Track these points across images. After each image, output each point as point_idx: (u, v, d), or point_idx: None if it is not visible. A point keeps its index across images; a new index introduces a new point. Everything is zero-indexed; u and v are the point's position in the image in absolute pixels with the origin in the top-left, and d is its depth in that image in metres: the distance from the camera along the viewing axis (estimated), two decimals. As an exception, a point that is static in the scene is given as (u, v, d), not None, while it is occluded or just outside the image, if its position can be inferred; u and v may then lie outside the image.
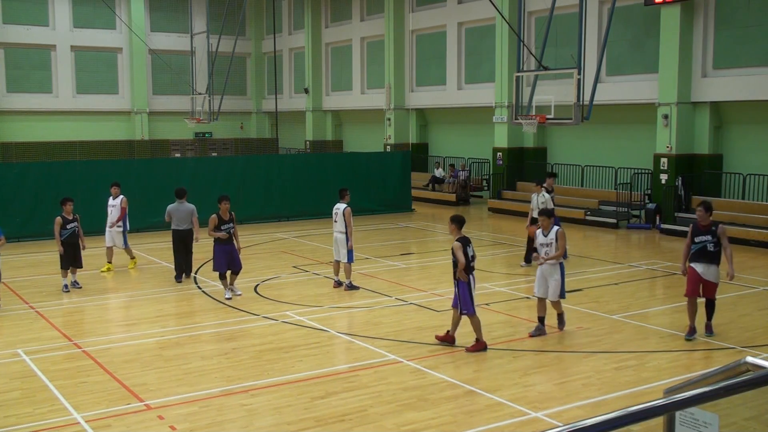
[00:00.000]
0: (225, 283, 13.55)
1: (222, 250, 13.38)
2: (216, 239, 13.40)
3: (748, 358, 3.15)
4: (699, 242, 10.68)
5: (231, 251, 13.48)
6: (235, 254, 13.53)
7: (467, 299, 10.23)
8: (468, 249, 10.29)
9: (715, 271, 10.71)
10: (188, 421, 7.98)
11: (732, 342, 10.74)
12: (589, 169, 25.31)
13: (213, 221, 13.36)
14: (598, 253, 18.07)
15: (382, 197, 26.09)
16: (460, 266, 10.12)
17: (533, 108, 21.54)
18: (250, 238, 20.33)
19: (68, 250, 14.09)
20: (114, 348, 10.72)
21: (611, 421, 2.30)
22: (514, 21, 23.96)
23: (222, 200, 13.64)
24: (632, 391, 8.77)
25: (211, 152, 42.09)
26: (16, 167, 22.33)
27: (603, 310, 12.59)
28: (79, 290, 14.33)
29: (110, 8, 36.76)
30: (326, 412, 8.17)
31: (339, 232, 13.98)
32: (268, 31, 40.13)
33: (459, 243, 10.22)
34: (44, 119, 37.93)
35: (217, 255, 13.43)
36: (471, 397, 8.60)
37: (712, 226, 10.69)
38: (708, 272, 10.66)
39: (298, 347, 10.57)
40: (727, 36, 21.38)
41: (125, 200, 16.36)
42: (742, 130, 21.77)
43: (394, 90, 33.06)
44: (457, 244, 10.22)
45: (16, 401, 8.59)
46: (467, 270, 10.20)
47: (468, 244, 10.34)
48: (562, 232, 11.08)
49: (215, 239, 13.43)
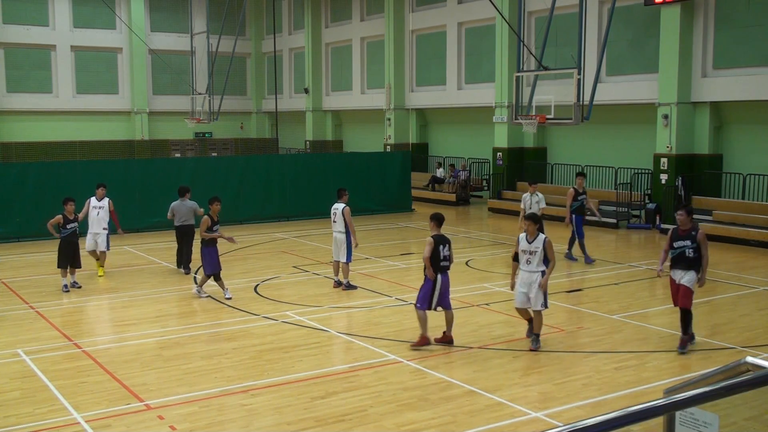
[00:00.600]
0: (222, 283, 13.52)
1: (214, 251, 13.37)
2: (204, 241, 13.36)
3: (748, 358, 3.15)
4: (678, 247, 10.22)
5: (218, 252, 13.51)
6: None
7: (424, 295, 10.31)
8: (442, 248, 10.28)
9: (692, 278, 10.18)
10: (188, 421, 7.98)
11: (732, 342, 10.73)
12: (589, 169, 25.28)
13: (206, 222, 13.32)
14: (598, 253, 18.06)
15: (382, 197, 26.09)
16: (424, 261, 10.23)
17: (533, 108, 21.55)
18: (250, 238, 20.33)
19: (67, 250, 14.11)
20: (114, 348, 10.72)
21: (611, 421, 2.30)
22: (514, 21, 23.96)
23: (215, 201, 13.60)
24: (632, 391, 8.77)
25: (211, 152, 42.09)
26: (16, 167, 22.33)
27: (603, 310, 12.59)
28: (79, 290, 14.33)
29: (110, 8, 36.77)
30: (326, 412, 8.17)
31: (338, 232, 13.98)
32: (268, 31, 40.12)
33: (431, 239, 10.28)
34: (44, 119, 37.93)
35: (211, 256, 13.33)
36: (471, 397, 8.60)
37: (692, 230, 10.21)
38: (684, 277, 10.18)
39: (298, 347, 10.57)
40: (727, 36, 21.37)
41: (111, 202, 15.75)
42: (742, 130, 21.77)
43: (394, 90, 33.06)
44: (429, 239, 10.30)
45: (16, 401, 8.59)
46: (435, 268, 10.22)
47: (443, 243, 10.32)
48: (550, 241, 10.32)
49: (203, 241, 13.39)
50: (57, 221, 14.11)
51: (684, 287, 10.18)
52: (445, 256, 10.31)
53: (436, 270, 10.24)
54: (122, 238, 19.97)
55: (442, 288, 10.32)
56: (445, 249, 10.33)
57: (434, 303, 10.34)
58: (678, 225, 10.40)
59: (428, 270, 10.23)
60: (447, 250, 10.36)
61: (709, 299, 13.54)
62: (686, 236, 10.21)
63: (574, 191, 16.91)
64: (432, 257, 10.21)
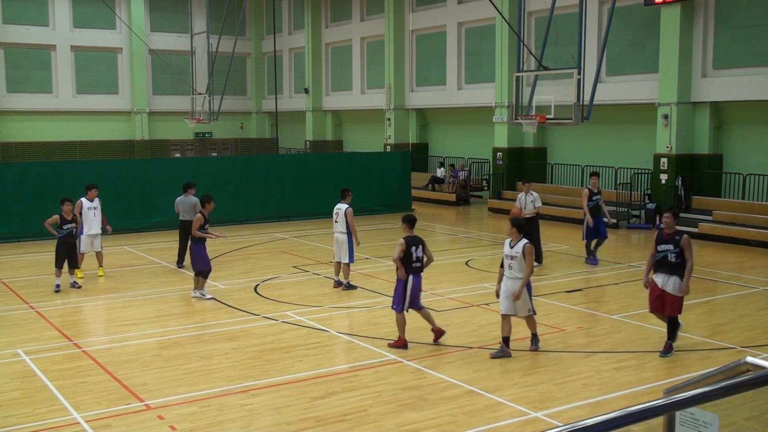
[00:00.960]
0: (204, 282, 13.56)
1: (203, 248, 13.42)
2: (194, 239, 13.38)
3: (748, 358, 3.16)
4: (661, 251, 9.99)
5: (206, 249, 13.56)
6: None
7: (398, 296, 10.38)
8: (414, 249, 10.29)
9: (676, 284, 9.88)
10: (188, 421, 7.98)
11: (732, 342, 10.73)
12: (589, 169, 25.28)
13: (199, 220, 13.31)
14: (598, 253, 18.05)
15: (382, 197, 26.09)
16: (394, 262, 10.31)
17: (533, 108, 21.55)
18: (250, 238, 20.33)
19: (62, 250, 14.10)
20: (114, 348, 10.72)
21: (611, 421, 2.30)
22: (514, 21, 23.96)
23: (210, 200, 13.60)
24: (632, 391, 8.77)
25: (211, 152, 42.10)
26: (16, 167, 22.33)
27: (603, 310, 12.59)
28: (79, 290, 14.33)
29: (110, 8, 36.77)
30: (326, 412, 8.17)
31: (340, 233, 13.98)
32: (268, 31, 40.13)
33: (402, 240, 10.32)
34: (44, 119, 37.93)
35: (201, 254, 13.38)
36: (471, 397, 8.60)
37: (676, 235, 9.96)
38: (667, 284, 9.93)
39: (298, 347, 10.57)
40: (727, 36, 21.38)
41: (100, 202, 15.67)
42: (742, 130, 21.77)
43: (394, 90, 33.06)
44: (400, 240, 10.34)
45: (16, 401, 8.59)
46: (407, 269, 10.26)
47: (416, 245, 10.34)
48: (530, 247, 9.90)
49: (193, 239, 13.42)
50: (54, 221, 14.11)
51: (670, 297, 9.95)
52: (417, 258, 10.34)
53: (408, 271, 10.29)
54: (122, 238, 19.98)
55: (413, 289, 10.36)
56: (418, 250, 10.35)
57: (406, 304, 10.37)
58: (663, 227, 10.21)
59: (399, 270, 10.33)
60: (420, 252, 10.37)
61: (709, 299, 13.54)
62: (670, 240, 9.97)
63: (589, 191, 16.63)
64: (404, 258, 10.25)
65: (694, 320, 11.89)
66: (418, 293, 10.48)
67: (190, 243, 13.58)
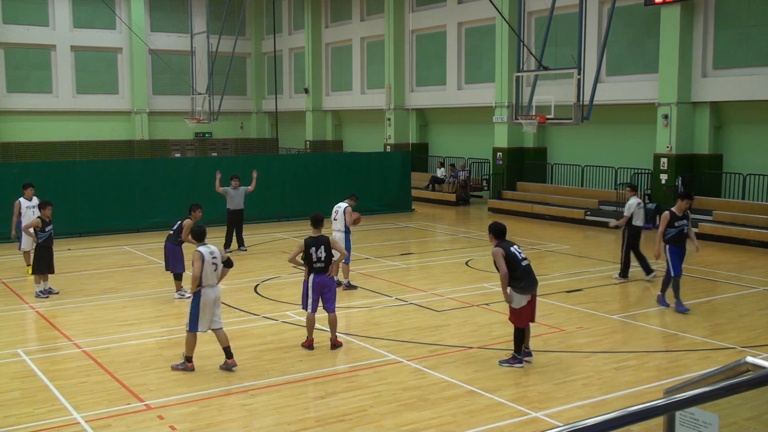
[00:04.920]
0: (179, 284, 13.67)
1: (181, 250, 13.60)
2: (179, 241, 13.52)
3: (748, 358, 3.16)
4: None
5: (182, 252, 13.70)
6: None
7: (302, 295, 10.50)
8: (315, 250, 10.28)
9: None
10: (188, 421, 7.98)
11: (732, 342, 10.73)
12: (589, 169, 25.31)
13: (189, 226, 13.33)
14: (598, 253, 18.06)
15: (382, 197, 26.08)
16: (288, 261, 10.59)
17: (533, 108, 21.55)
18: (250, 238, 20.31)
19: (45, 255, 13.74)
20: (114, 348, 10.71)
21: (611, 421, 2.30)
22: (514, 21, 23.96)
23: (197, 208, 13.67)
24: (632, 391, 8.77)
25: (211, 152, 42.09)
26: (16, 167, 22.30)
27: (603, 310, 12.59)
28: (79, 290, 14.32)
29: (110, 8, 36.77)
30: (326, 412, 8.17)
31: (337, 231, 13.95)
32: (268, 31, 40.13)
33: (301, 242, 10.44)
34: (44, 119, 37.93)
35: (179, 256, 13.59)
36: (471, 397, 8.60)
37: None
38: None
39: (298, 347, 10.56)
40: (727, 36, 21.37)
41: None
42: (742, 130, 21.77)
43: (394, 90, 33.06)
44: (299, 242, 10.51)
45: (16, 401, 8.59)
46: (310, 269, 10.30)
47: (317, 245, 10.34)
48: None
49: (179, 241, 13.54)
50: (35, 224, 13.71)
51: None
52: (318, 258, 10.32)
53: (310, 270, 10.33)
54: (122, 237, 19.98)
55: (315, 289, 10.30)
56: (319, 251, 10.33)
57: (310, 304, 10.35)
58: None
59: (305, 271, 10.45)
60: (321, 252, 10.34)
61: (709, 299, 13.55)
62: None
63: (670, 215, 12.51)
64: (306, 258, 10.30)
65: (695, 320, 11.90)
66: (330, 295, 10.44)
67: (173, 246, 13.63)
